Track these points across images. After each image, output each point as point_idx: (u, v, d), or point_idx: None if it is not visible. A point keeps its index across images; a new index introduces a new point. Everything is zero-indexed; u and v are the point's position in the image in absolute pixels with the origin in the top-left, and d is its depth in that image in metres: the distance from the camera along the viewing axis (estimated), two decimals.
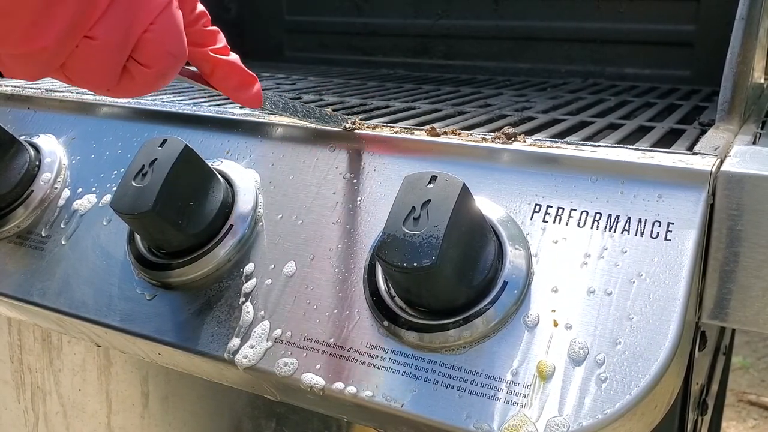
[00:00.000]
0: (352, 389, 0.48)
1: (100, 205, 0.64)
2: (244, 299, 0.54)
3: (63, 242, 0.63)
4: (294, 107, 0.56)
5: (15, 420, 0.81)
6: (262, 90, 0.54)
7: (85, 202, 0.65)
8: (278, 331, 0.52)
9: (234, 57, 0.52)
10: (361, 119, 0.66)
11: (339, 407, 0.50)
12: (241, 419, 0.65)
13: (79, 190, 0.66)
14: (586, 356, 0.44)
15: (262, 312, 0.53)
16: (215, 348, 0.53)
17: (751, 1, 0.60)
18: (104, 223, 0.62)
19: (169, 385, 0.69)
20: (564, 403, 0.43)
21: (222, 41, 0.52)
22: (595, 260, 0.47)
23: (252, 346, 0.52)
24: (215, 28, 0.52)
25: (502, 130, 0.55)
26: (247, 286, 0.54)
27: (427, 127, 0.58)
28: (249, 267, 0.55)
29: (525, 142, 0.54)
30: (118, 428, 0.73)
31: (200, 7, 0.50)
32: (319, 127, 0.58)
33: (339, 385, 0.48)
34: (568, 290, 0.46)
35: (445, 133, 0.57)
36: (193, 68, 0.52)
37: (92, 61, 0.43)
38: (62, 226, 0.64)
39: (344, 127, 0.57)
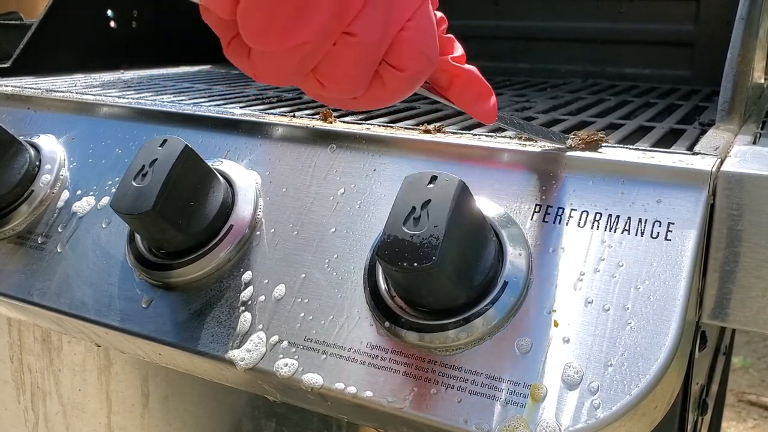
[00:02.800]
0: (352, 389, 0.48)
1: (98, 207, 0.64)
2: (243, 307, 0.54)
3: (62, 244, 0.63)
4: (520, 124, 0.53)
5: (15, 420, 0.81)
6: None
7: (84, 204, 0.65)
8: (275, 337, 0.51)
9: (471, 67, 0.48)
10: (361, 119, 0.66)
11: (339, 407, 0.50)
12: (241, 419, 0.65)
13: (78, 191, 0.66)
14: (588, 357, 0.44)
15: (260, 321, 0.53)
16: (215, 348, 0.53)
17: (751, 1, 0.60)
18: (103, 225, 0.62)
19: (169, 385, 0.69)
20: (563, 404, 0.43)
21: (459, 49, 0.47)
22: (594, 261, 0.47)
23: (249, 350, 0.52)
24: (451, 35, 0.47)
25: (583, 134, 0.53)
26: (246, 293, 0.54)
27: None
28: (247, 275, 0.55)
29: (606, 150, 0.52)
30: (118, 428, 0.73)
31: (439, 12, 0.46)
32: (543, 143, 0.54)
33: (339, 385, 0.48)
34: (568, 291, 0.46)
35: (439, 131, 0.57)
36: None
37: (348, 60, 0.39)
38: (59, 230, 0.64)
39: (568, 144, 0.53)
